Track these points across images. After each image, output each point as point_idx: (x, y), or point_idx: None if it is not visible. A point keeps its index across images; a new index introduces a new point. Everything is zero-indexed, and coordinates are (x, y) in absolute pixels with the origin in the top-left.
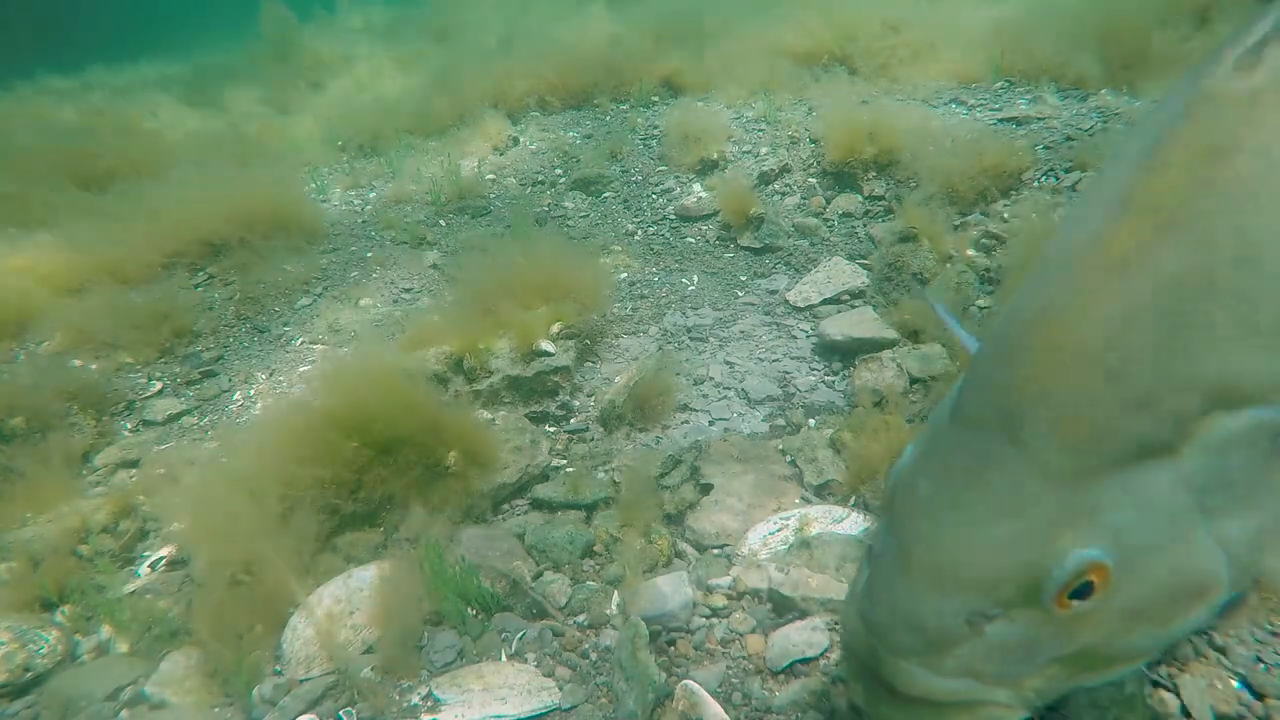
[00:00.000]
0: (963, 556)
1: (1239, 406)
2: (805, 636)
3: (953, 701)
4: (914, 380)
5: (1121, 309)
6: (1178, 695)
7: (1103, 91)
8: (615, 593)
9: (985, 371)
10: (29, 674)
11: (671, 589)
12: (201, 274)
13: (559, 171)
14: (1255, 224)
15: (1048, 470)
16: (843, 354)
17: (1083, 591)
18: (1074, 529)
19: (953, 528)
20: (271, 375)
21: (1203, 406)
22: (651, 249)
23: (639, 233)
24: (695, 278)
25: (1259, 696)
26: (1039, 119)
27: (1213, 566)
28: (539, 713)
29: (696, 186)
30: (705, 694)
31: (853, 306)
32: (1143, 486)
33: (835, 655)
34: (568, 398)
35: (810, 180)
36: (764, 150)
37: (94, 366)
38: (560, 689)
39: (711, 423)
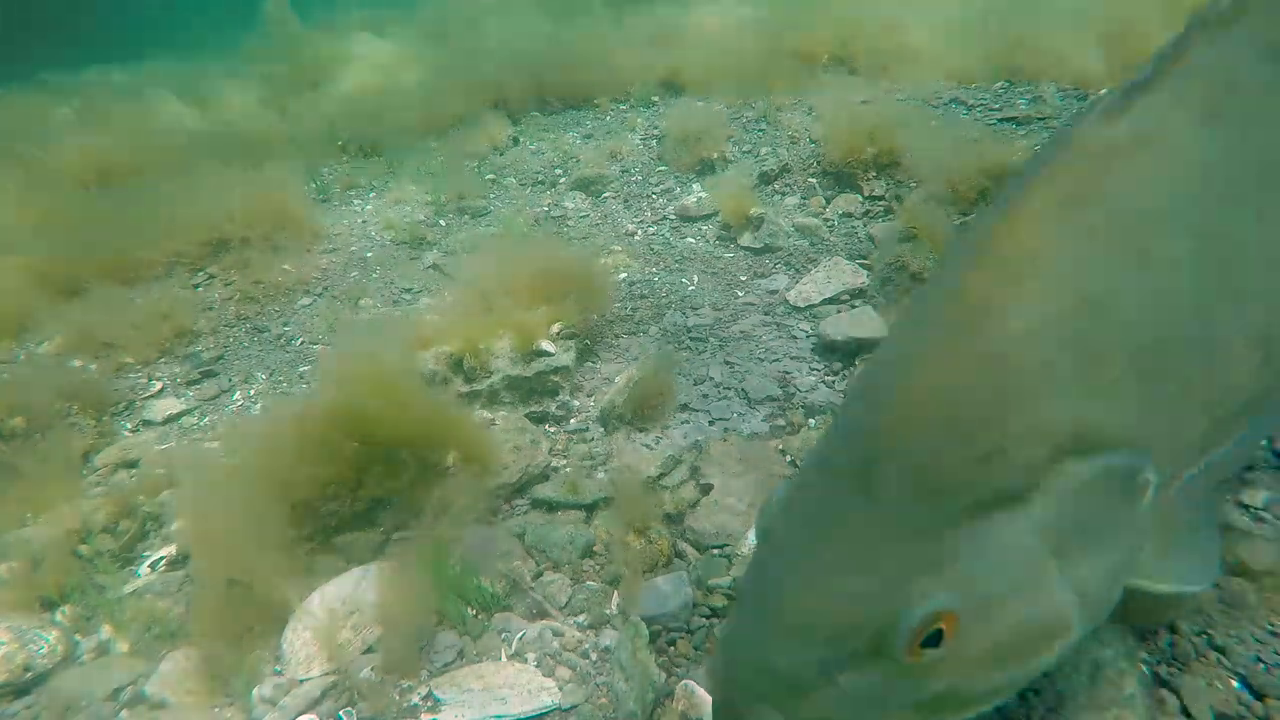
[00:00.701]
0: (815, 607)
1: (1089, 453)
2: None
3: None
4: None
5: (972, 360)
6: (1178, 695)
7: (1103, 91)
8: (615, 593)
9: (847, 419)
10: (29, 674)
11: (671, 589)
12: (201, 274)
13: (559, 171)
14: (1104, 274)
15: (900, 521)
16: (843, 354)
17: (933, 640)
18: (923, 579)
19: (806, 577)
20: (271, 375)
21: (1053, 455)
22: (651, 249)
23: (639, 233)
24: (695, 278)
25: (1259, 696)
26: (1039, 119)
27: (1063, 609)
28: (539, 713)
29: (696, 186)
30: (705, 694)
31: (853, 306)
32: (993, 536)
33: None
34: (568, 398)
35: (810, 180)
36: (764, 150)
37: (94, 366)
38: (560, 689)
39: (711, 422)
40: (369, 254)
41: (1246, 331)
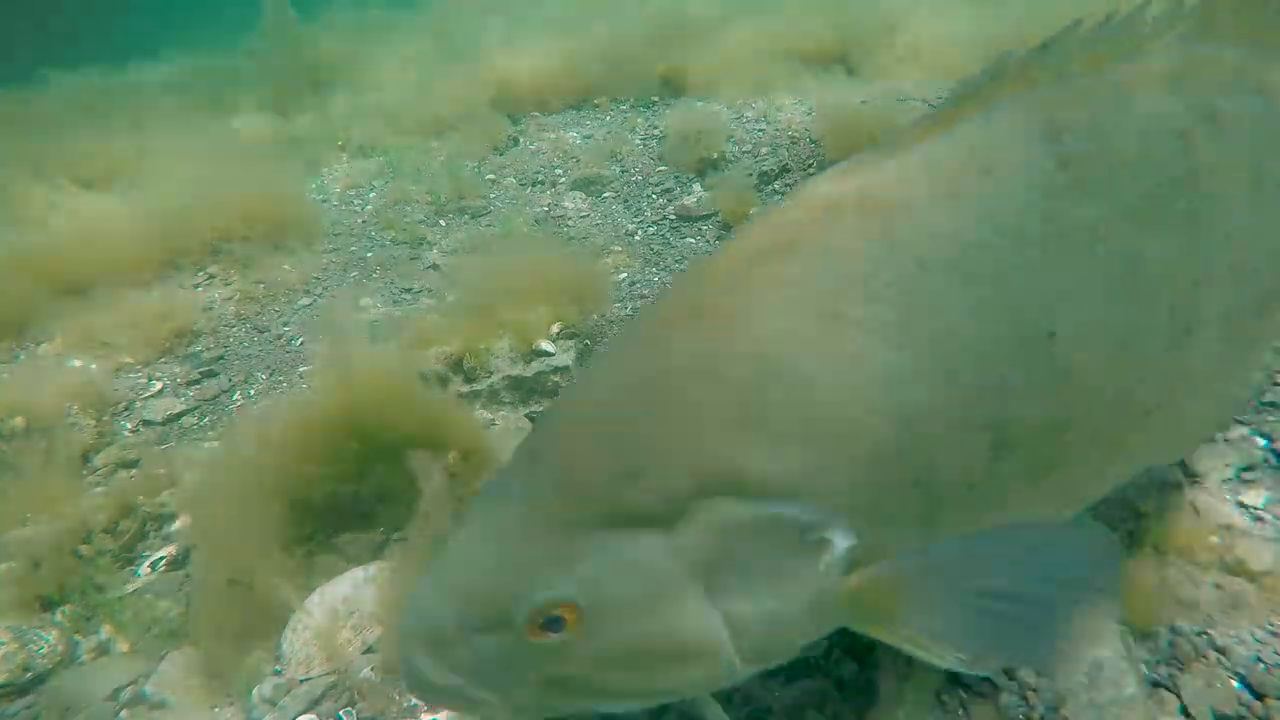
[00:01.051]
0: (463, 574)
1: (747, 497)
2: None
3: (446, 694)
4: None
5: (635, 383)
6: (1178, 695)
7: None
8: None
9: (543, 415)
10: (29, 674)
11: None
12: (201, 274)
13: (559, 171)
14: (785, 329)
15: (546, 516)
16: None
17: (555, 625)
18: (550, 569)
19: (465, 548)
20: (271, 375)
21: (701, 489)
22: (651, 249)
23: (639, 233)
24: None
25: (1259, 696)
26: None
27: (707, 638)
28: None
29: (696, 186)
30: (705, 694)
31: None
32: (626, 549)
33: (835, 655)
34: None
35: None
36: (764, 150)
37: (94, 366)
38: None
39: None
40: (369, 254)
41: (958, 413)
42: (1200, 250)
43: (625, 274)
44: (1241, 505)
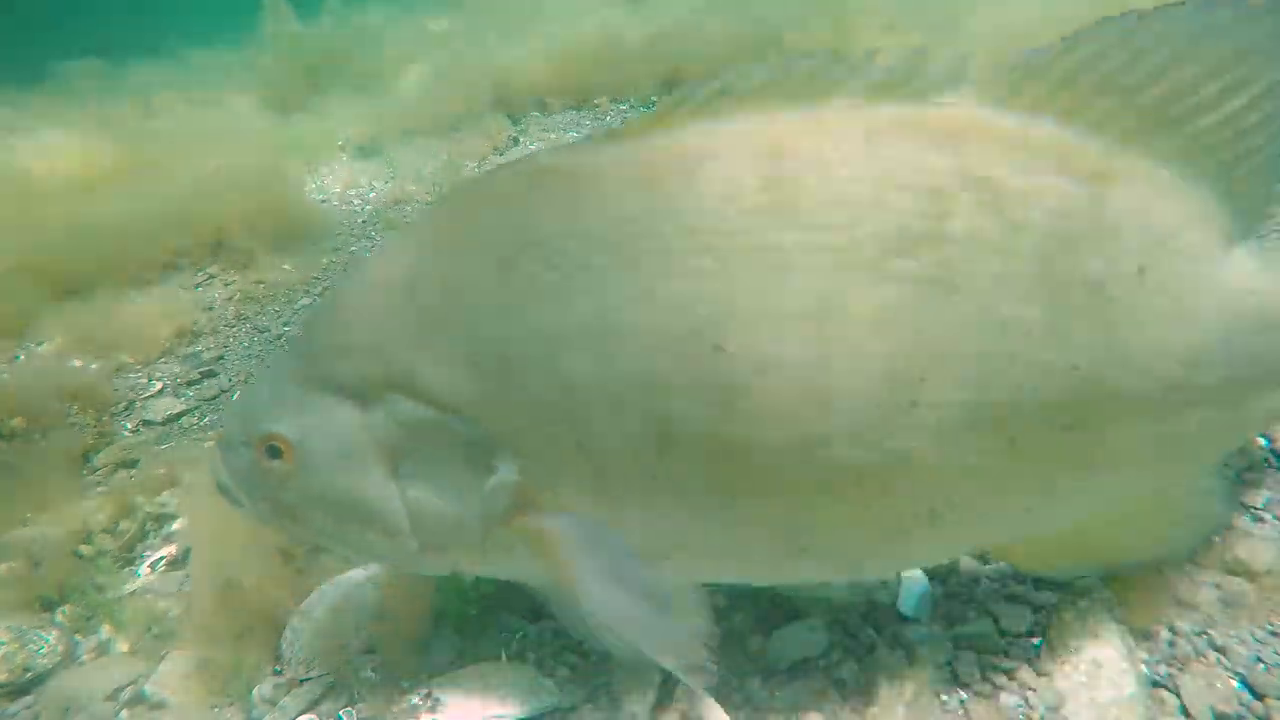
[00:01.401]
0: (243, 397)
1: (420, 401)
2: (805, 637)
3: (227, 491)
4: None
5: (365, 281)
6: (1178, 695)
7: None
8: None
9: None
10: (29, 674)
11: None
12: (201, 274)
13: None
14: (462, 266)
15: (291, 370)
16: None
17: (274, 453)
18: (280, 409)
19: (256, 378)
20: None
21: (387, 382)
22: None
23: None
24: None
25: (1259, 696)
26: None
27: (390, 509)
28: (539, 713)
29: None
30: (705, 694)
31: None
32: (331, 411)
33: (835, 656)
34: None
35: None
36: None
37: (94, 366)
38: (560, 689)
39: None
40: (369, 254)
41: (616, 393)
42: (938, 321)
43: None
44: (1241, 505)
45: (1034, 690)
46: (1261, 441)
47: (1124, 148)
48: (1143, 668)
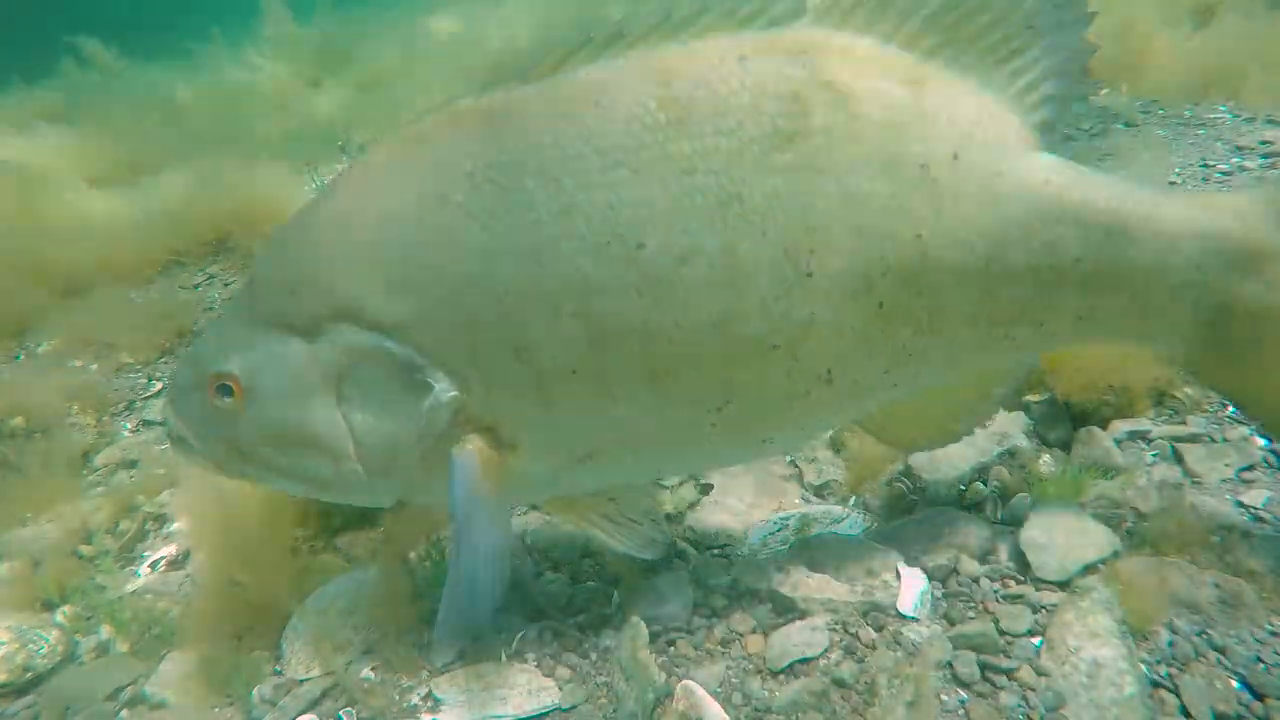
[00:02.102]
0: (195, 344)
1: (365, 327)
2: (805, 637)
3: (181, 443)
4: None
5: (308, 222)
6: (1178, 695)
7: (1103, 91)
8: (615, 593)
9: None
10: (29, 674)
11: (671, 589)
12: (201, 274)
13: None
14: (397, 200)
15: (240, 312)
16: None
17: (225, 392)
18: (230, 349)
19: (208, 326)
20: None
21: (334, 313)
22: None
23: None
24: None
25: (1259, 696)
26: None
27: (337, 436)
28: (539, 713)
29: None
30: (705, 694)
31: None
32: (279, 348)
33: (835, 656)
34: None
35: None
36: None
37: (94, 366)
38: (560, 689)
39: None
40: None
41: (546, 296)
42: (814, 201)
43: None
44: (1241, 505)
45: (1034, 690)
46: (1261, 441)
47: (930, 60)
48: (1143, 668)
